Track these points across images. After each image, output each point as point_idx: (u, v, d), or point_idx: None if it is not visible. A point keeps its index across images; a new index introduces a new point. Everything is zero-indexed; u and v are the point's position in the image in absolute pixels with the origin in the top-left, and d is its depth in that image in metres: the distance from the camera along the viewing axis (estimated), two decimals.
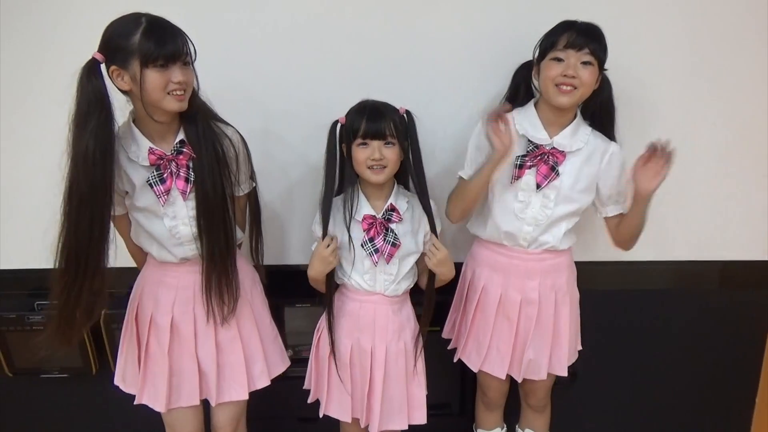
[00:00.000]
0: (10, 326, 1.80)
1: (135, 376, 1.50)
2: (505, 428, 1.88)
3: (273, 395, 1.58)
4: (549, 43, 1.44)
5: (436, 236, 1.50)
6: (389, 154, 1.41)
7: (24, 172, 1.74)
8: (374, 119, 1.40)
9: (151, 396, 1.49)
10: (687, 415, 2.09)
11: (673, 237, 1.87)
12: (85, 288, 1.32)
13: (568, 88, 1.40)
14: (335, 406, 1.57)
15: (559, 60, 1.41)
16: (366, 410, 1.54)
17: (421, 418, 1.58)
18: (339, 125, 1.45)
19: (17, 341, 1.82)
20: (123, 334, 1.52)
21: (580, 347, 1.70)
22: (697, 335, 1.98)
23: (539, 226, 1.52)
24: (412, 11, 1.64)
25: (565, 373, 1.61)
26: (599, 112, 1.53)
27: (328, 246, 1.45)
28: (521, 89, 1.58)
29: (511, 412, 1.86)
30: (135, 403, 1.49)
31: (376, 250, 1.46)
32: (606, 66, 1.45)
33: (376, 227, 1.46)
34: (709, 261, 1.90)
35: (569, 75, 1.39)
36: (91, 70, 1.24)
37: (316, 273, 1.48)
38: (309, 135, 1.71)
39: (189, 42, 1.28)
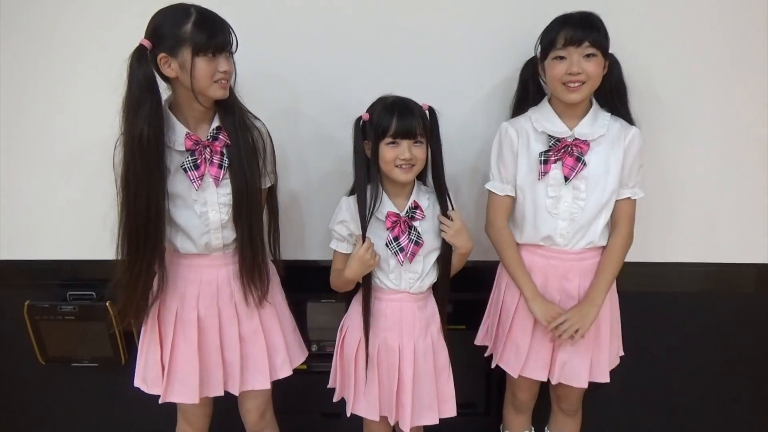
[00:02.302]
0: (43, 315, 1.84)
1: (157, 377, 1.50)
2: (532, 431, 1.85)
3: (297, 390, 1.59)
4: (548, 41, 1.42)
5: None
6: (418, 153, 1.40)
7: (57, 164, 1.78)
8: (404, 117, 1.37)
9: (177, 391, 1.50)
10: (721, 421, 2.04)
11: (708, 239, 1.82)
12: (145, 268, 1.38)
13: (576, 84, 1.39)
14: (363, 404, 1.56)
15: (562, 58, 1.39)
16: (396, 407, 1.53)
17: (451, 410, 1.57)
18: (362, 122, 1.43)
19: (50, 330, 1.86)
20: (143, 336, 1.53)
21: (622, 353, 1.65)
22: (731, 340, 1.93)
23: (575, 221, 1.49)
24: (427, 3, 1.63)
25: (607, 379, 1.57)
26: (611, 94, 1.50)
27: (368, 249, 1.42)
28: (530, 87, 1.56)
29: (540, 414, 1.83)
30: (160, 402, 1.51)
31: (401, 249, 1.44)
32: (611, 50, 1.43)
33: (400, 225, 1.45)
34: (745, 264, 1.84)
35: (574, 72, 1.37)
36: (140, 57, 1.28)
37: (353, 275, 1.45)
38: (328, 130, 1.72)
39: (233, 33, 1.33)
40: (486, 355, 1.73)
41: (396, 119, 1.37)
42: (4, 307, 1.88)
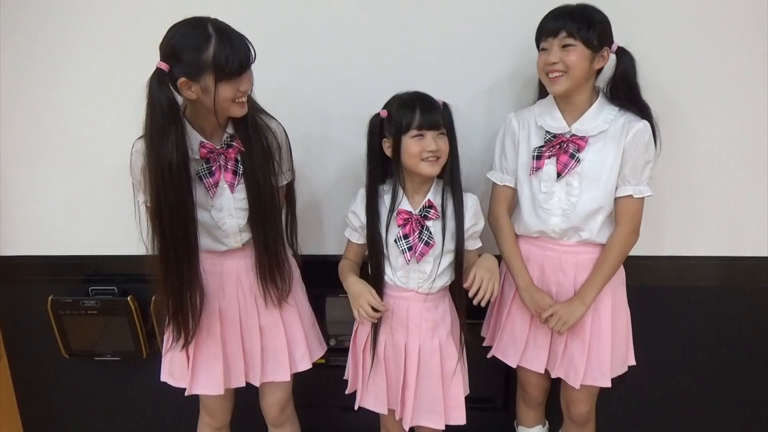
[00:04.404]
0: (67, 310, 1.87)
1: (183, 370, 1.52)
2: (546, 425, 1.85)
3: (316, 384, 1.60)
4: (536, 34, 1.44)
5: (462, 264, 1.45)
6: (443, 144, 1.38)
7: (80, 162, 1.80)
8: (428, 110, 1.36)
9: (202, 383, 1.52)
10: (744, 419, 2.01)
11: (729, 232, 1.80)
12: (192, 291, 1.39)
13: (555, 75, 1.39)
14: (370, 398, 1.56)
15: (544, 49, 1.41)
16: (400, 404, 1.53)
17: (459, 418, 1.53)
18: (379, 119, 1.41)
19: (73, 324, 1.89)
20: (167, 331, 1.52)
21: (632, 362, 1.62)
22: (751, 335, 1.89)
23: (568, 218, 1.47)
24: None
25: (607, 384, 1.53)
26: (619, 85, 1.46)
27: (374, 303, 1.40)
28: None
29: (555, 413, 1.82)
30: (186, 394, 1.53)
31: (410, 248, 1.42)
32: (622, 43, 1.43)
33: (411, 224, 1.42)
34: (765, 257, 1.81)
35: (550, 62, 1.38)
36: (160, 81, 1.24)
37: (346, 288, 1.48)
38: (343, 127, 1.72)
39: (252, 48, 1.29)
40: (484, 344, 1.73)
41: (419, 112, 1.36)
42: (29, 302, 1.91)
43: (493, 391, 2.00)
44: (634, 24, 1.54)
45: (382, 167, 1.45)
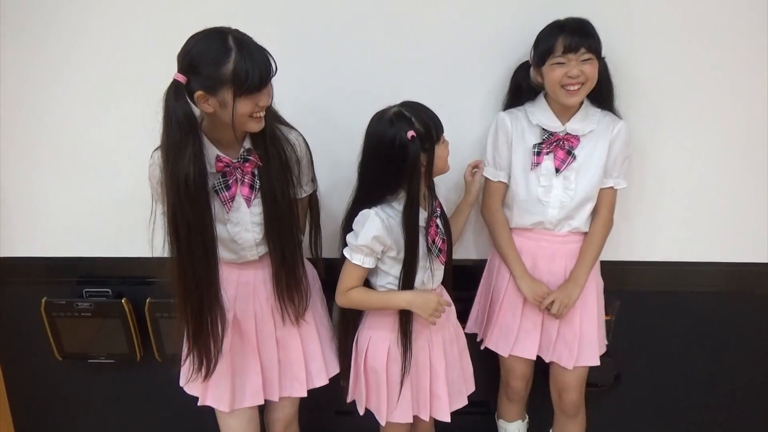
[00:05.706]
0: (60, 312, 1.86)
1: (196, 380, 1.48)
2: (526, 419, 1.87)
3: (312, 388, 1.59)
4: (545, 48, 1.47)
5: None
6: None
7: (75, 163, 1.79)
8: (435, 114, 1.40)
9: (211, 397, 1.49)
10: (740, 424, 2.02)
11: (726, 237, 1.80)
12: (213, 315, 1.36)
13: (575, 87, 1.46)
14: (399, 411, 1.53)
15: (561, 63, 1.45)
16: (430, 401, 1.54)
17: (471, 387, 1.64)
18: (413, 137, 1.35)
19: (67, 327, 1.88)
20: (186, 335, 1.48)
21: (606, 341, 1.70)
22: (749, 340, 1.90)
23: (564, 208, 1.57)
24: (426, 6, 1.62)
25: (596, 362, 1.63)
26: (599, 91, 1.55)
27: (443, 303, 1.44)
28: (523, 88, 1.61)
29: (539, 410, 1.83)
30: (199, 404, 1.51)
31: (440, 251, 1.46)
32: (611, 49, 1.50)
33: (433, 227, 1.45)
34: (764, 263, 1.81)
35: (573, 75, 1.45)
36: (177, 94, 1.21)
37: (407, 305, 1.43)
38: (354, 127, 1.69)
39: (273, 61, 1.25)
40: (478, 340, 1.75)
41: (436, 117, 1.40)
42: (22, 303, 1.90)
43: (486, 395, 1.99)
44: (625, 30, 1.57)
45: (404, 182, 1.39)
